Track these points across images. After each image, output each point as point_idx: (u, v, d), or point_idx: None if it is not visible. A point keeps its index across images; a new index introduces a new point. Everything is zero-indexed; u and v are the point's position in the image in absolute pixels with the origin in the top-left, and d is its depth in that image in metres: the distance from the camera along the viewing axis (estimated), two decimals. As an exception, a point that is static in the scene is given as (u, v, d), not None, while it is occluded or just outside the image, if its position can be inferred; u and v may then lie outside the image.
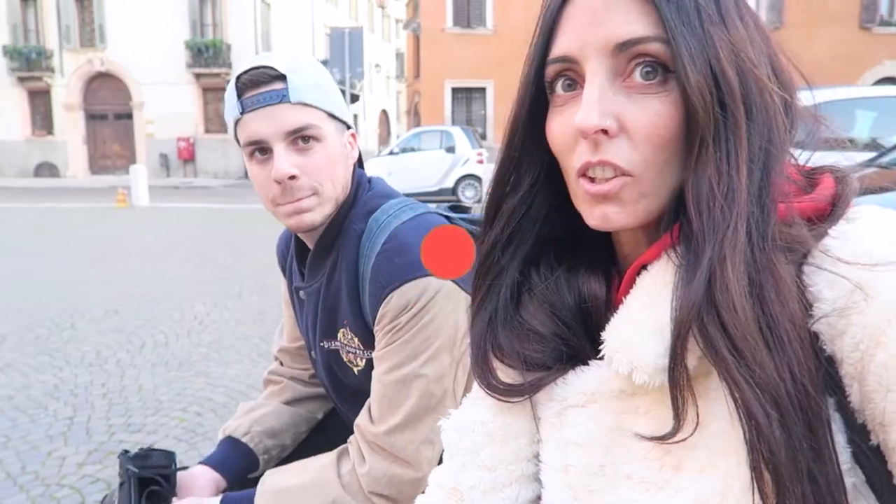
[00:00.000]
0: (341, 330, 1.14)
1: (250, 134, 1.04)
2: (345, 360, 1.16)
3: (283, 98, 1.02)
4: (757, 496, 0.43)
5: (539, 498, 0.61)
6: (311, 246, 1.16)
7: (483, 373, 0.61)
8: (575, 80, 0.52)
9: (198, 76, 23.75)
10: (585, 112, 0.48)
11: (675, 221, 0.51)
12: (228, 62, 23.38)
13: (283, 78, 1.02)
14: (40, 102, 24.60)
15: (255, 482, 1.17)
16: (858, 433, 0.44)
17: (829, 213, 0.49)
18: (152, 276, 6.32)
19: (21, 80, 24.16)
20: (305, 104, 1.03)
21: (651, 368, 0.48)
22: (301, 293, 1.21)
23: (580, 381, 0.57)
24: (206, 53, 23.44)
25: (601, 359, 0.54)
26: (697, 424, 0.47)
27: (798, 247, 0.47)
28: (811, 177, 0.54)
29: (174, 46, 23.42)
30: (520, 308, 0.61)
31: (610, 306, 0.58)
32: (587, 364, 0.58)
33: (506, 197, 0.60)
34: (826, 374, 0.44)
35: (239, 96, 1.04)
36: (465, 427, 0.65)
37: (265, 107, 1.02)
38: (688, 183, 0.48)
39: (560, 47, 0.52)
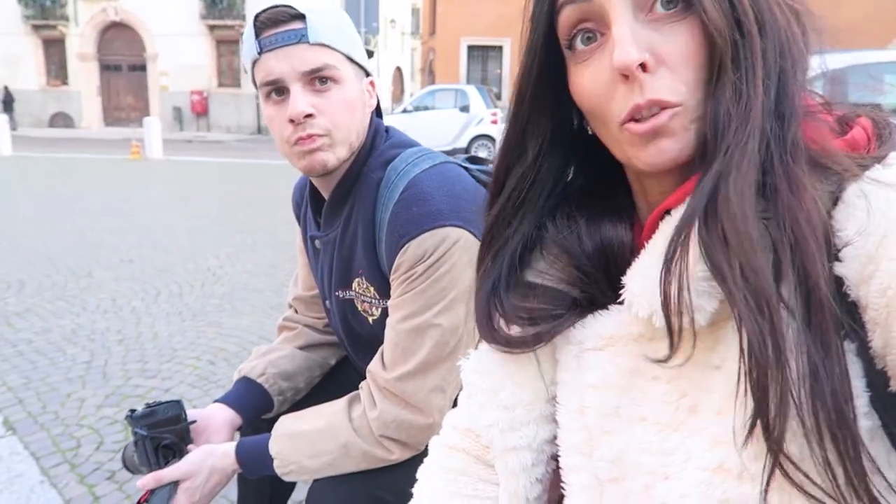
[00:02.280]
0: (356, 279, 1.14)
1: (267, 73, 1.02)
2: (359, 309, 1.17)
3: (301, 38, 1.00)
4: (746, 410, 0.44)
5: (555, 438, 0.62)
6: (326, 195, 1.16)
7: (490, 331, 0.62)
8: (594, 31, 0.51)
9: (212, 28, 23.46)
10: (623, 49, 0.48)
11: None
12: (242, 14, 23.03)
13: (302, 17, 1.01)
14: (55, 51, 24.45)
15: (268, 423, 1.21)
16: (878, 379, 0.43)
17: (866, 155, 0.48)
18: (166, 227, 6.37)
19: (35, 28, 23.97)
20: (324, 45, 1.02)
21: None
22: (317, 242, 1.22)
23: (599, 325, 0.57)
24: (220, 5, 23.10)
25: (621, 303, 0.54)
26: (693, 351, 0.48)
27: (833, 165, 0.46)
28: (844, 121, 0.52)
29: (188, -3, 23.11)
30: (527, 270, 0.62)
31: (634, 252, 0.58)
32: (607, 309, 0.58)
33: (514, 166, 0.60)
34: (850, 318, 0.44)
35: (257, 36, 1.02)
36: (486, 368, 0.66)
37: (283, 46, 1.01)
38: (708, 107, 0.48)
39: None
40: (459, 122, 13.35)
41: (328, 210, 1.15)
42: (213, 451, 1.11)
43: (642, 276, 0.51)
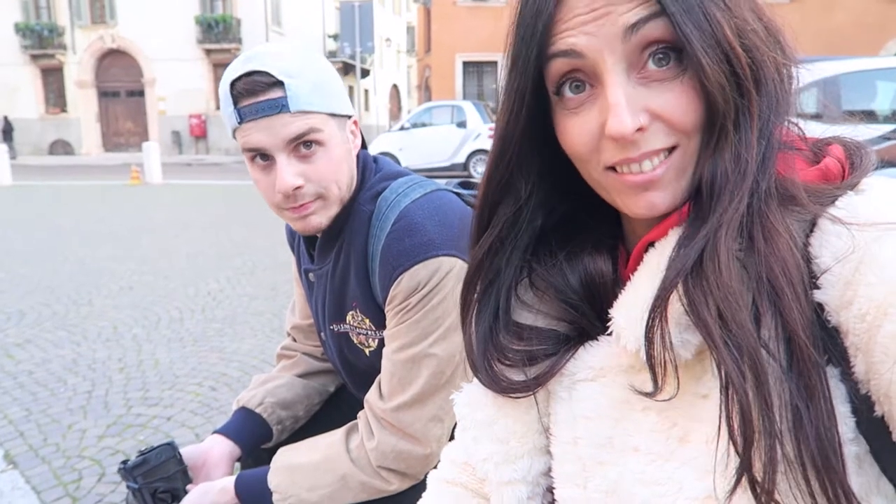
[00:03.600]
0: (350, 312, 1.14)
1: (250, 143, 1.00)
2: (355, 342, 1.16)
3: (282, 108, 0.97)
4: (724, 450, 0.44)
5: (550, 470, 0.62)
6: (317, 234, 1.16)
7: (493, 380, 0.61)
8: (583, 80, 0.51)
9: (208, 52, 23.69)
10: (618, 118, 0.47)
11: (688, 199, 0.51)
12: (239, 37, 23.27)
13: (280, 85, 0.97)
14: (53, 80, 24.68)
15: (267, 453, 1.20)
16: (863, 404, 0.43)
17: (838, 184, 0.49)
18: (166, 252, 6.37)
19: (34, 57, 24.21)
20: (305, 112, 0.99)
21: None
22: (311, 275, 1.22)
23: (590, 357, 0.58)
24: (216, 29, 23.35)
25: (610, 334, 0.54)
26: (678, 387, 0.48)
27: (795, 208, 0.47)
28: (819, 147, 0.53)
29: (184, 22, 23.33)
30: (517, 304, 0.61)
31: (619, 283, 0.58)
32: (596, 340, 0.58)
33: (499, 204, 0.60)
34: (831, 344, 0.44)
35: (235, 104, 0.99)
36: (478, 401, 0.66)
37: (264, 117, 0.98)
38: (705, 165, 0.48)
39: (565, 43, 0.49)
40: (457, 138, 13.41)
41: (321, 245, 1.15)
42: (211, 489, 1.10)
43: (628, 309, 0.52)
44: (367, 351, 1.15)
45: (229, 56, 23.23)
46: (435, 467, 0.76)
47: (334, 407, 1.40)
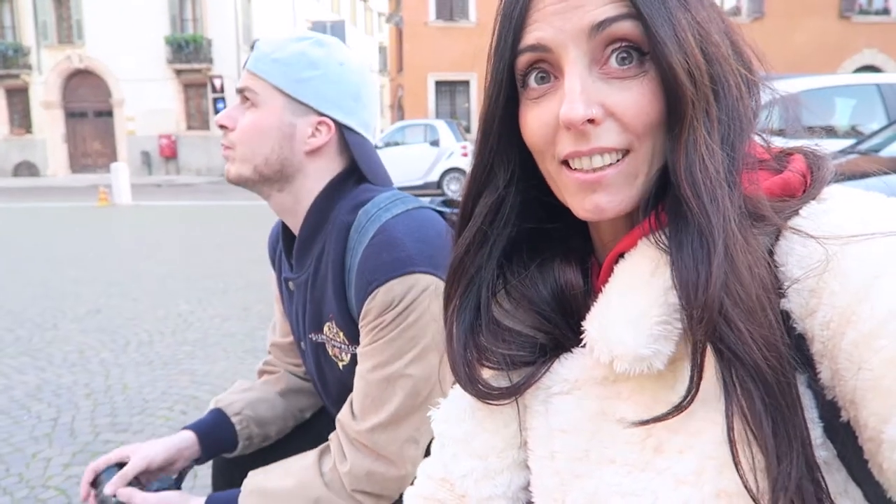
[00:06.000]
0: (327, 323, 1.13)
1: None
2: (330, 353, 1.15)
3: (246, 63, 1.15)
4: (734, 469, 0.44)
5: (530, 485, 0.62)
6: (296, 234, 1.16)
7: (470, 381, 0.60)
8: (548, 72, 0.52)
9: (178, 72, 23.48)
10: (571, 104, 0.48)
11: (654, 207, 0.51)
12: (210, 57, 23.12)
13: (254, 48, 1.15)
14: (18, 101, 24.19)
15: (232, 464, 1.20)
16: (829, 409, 0.44)
17: (801, 192, 0.50)
18: (135, 274, 6.25)
19: (-2, 77, 23.75)
20: (253, 73, 1.12)
21: (631, 357, 0.48)
22: (290, 284, 1.21)
23: (564, 370, 0.58)
24: (186, 49, 23.16)
25: (584, 346, 0.54)
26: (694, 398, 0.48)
27: (762, 224, 0.47)
28: (782, 158, 0.54)
29: (154, 42, 23.11)
30: (496, 309, 0.61)
31: (590, 294, 0.58)
32: (570, 352, 0.58)
33: (483, 193, 0.60)
34: (797, 351, 0.45)
35: None
36: (456, 417, 0.65)
37: (245, 68, 1.15)
38: (678, 164, 0.48)
39: (533, 36, 0.51)
40: (430, 157, 13.46)
41: (298, 250, 1.15)
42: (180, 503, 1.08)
43: (601, 322, 0.51)
44: (340, 365, 1.14)
45: (200, 76, 23.09)
46: (411, 484, 0.75)
47: (304, 430, 1.38)
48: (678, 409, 0.47)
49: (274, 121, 1.11)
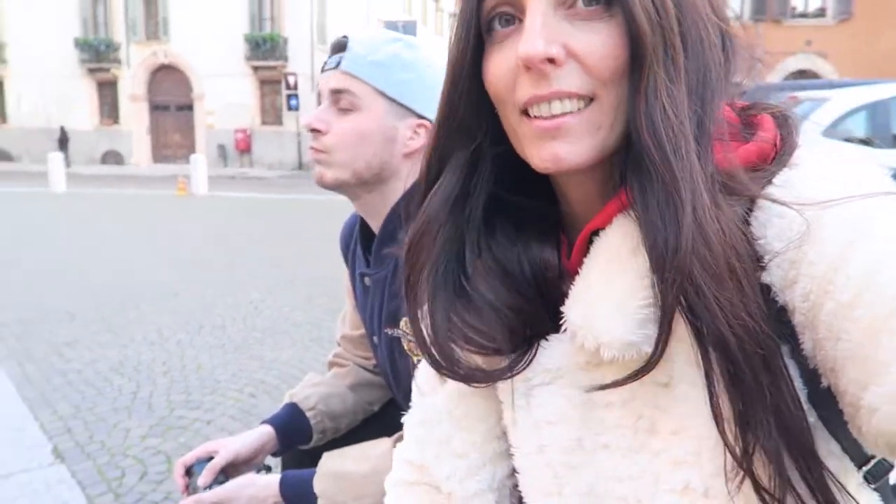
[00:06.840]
0: (404, 318, 1.16)
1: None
2: (406, 348, 1.18)
3: (338, 64, 1.11)
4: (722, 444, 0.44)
5: (514, 471, 0.61)
6: (376, 231, 1.19)
7: (449, 362, 0.56)
8: (513, 14, 0.49)
9: (255, 69, 24.31)
10: (529, 41, 0.45)
11: (626, 165, 0.47)
12: (285, 55, 23.84)
13: (345, 47, 1.12)
14: (108, 93, 25.63)
15: (303, 452, 1.23)
16: (811, 376, 0.45)
17: (772, 158, 0.48)
18: (210, 262, 6.53)
19: (91, 71, 25.22)
20: (352, 75, 1.10)
21: (619, 345, 0.47)
22: (366, 279, 1.23)
23: (544, 359, 0.55)
24: (263, 47, 23.96)
25: (564, 332, 0.52)
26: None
27: (739, 194, 0.46)
28: (747, 115, 0.51)
29: (233, 39, 24.02)
30: (475, 284, 0.56)
31: (563, 275, 0.55)
32: (546, 339, 0.55)
33: (454, 149, 0.55)
34: (780, 323, 0.45)
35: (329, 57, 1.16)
36: (431, 419, 0.65)
37: (328, 70, 1.13)
38: (638, 109, 0.45)
39: None
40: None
41: (378, 248, 1.18)
42: (255, 482, 1.13)
43: (583, 307, 0.49)
44: (415, 359, 1.16)
45: (275, 73, 23.82)
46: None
47: (375, 420, 1.42)
48: (644, 369, 0.46)
49: (377, 124, 1.11)
